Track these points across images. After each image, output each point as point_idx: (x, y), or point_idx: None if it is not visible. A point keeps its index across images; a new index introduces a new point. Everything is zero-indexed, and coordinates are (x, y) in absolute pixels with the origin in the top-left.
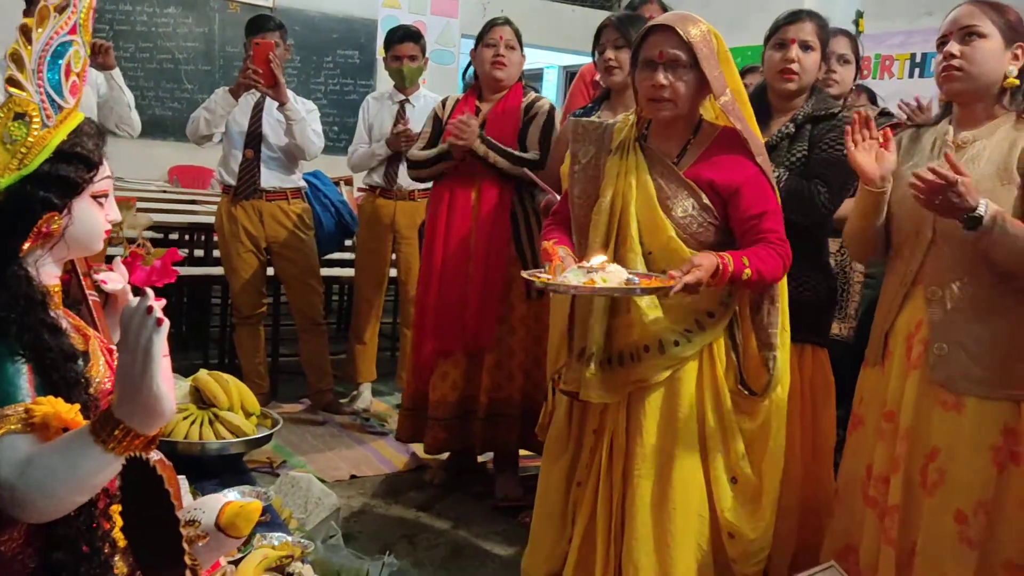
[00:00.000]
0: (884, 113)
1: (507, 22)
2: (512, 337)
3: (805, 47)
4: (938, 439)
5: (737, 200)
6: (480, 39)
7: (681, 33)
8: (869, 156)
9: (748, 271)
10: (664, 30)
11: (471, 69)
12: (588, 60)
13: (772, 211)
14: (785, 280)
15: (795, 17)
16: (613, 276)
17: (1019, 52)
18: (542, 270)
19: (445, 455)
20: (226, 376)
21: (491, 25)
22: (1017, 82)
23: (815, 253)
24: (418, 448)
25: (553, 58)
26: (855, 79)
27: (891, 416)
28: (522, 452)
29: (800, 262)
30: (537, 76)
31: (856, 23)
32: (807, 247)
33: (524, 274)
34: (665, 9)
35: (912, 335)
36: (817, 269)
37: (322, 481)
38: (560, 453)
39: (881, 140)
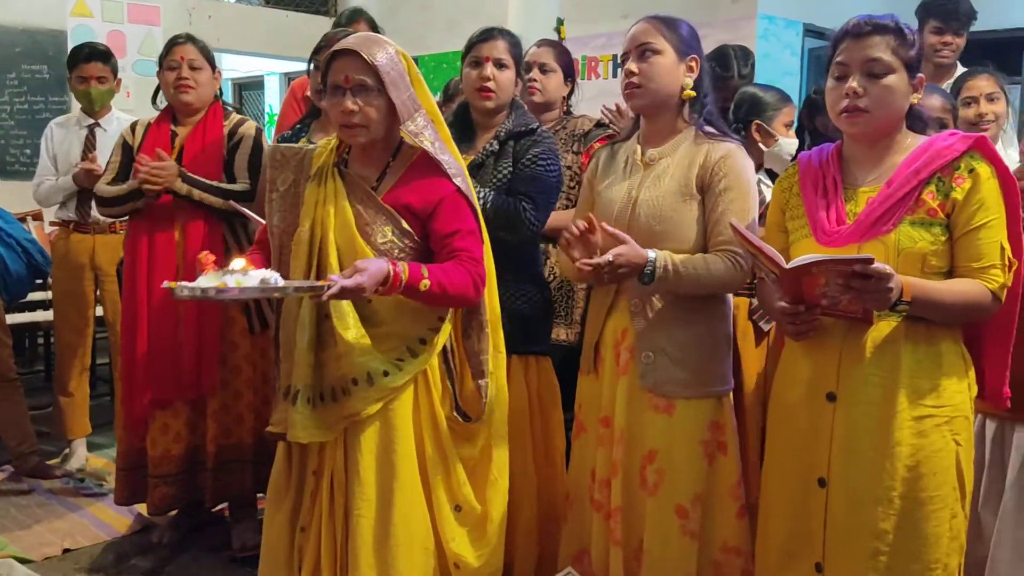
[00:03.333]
0: (600, 124)
1: (189, 39)
2: (238, 378)
3: (499, 65)
4: (653, 441)
5: (433, 220)
6: (161, 61)
7: (366, 57)
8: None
9: (426, 282)
10: (349, 55)
11: (160, 93)
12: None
13: (467, 231)
14: (496, 303)
15: (487, 35)
16: (252, 279)
17: (693, 64)
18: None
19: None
20: None
21: (171, 45)
22: (693, 94)
23: (528, 264)
24: (142, 506)
25: (274, 65)
26: (572, 91)
27: (607, 421)
28: (260, 495)
29: (514, 274)
30: (258, 84)
31: (558, 30)
32: (519, 259)
33: (165, 283)
34: (374, 26)
35: (619, 343)
36: (531, 280)
37: (27, 562)
38: (282, 499)
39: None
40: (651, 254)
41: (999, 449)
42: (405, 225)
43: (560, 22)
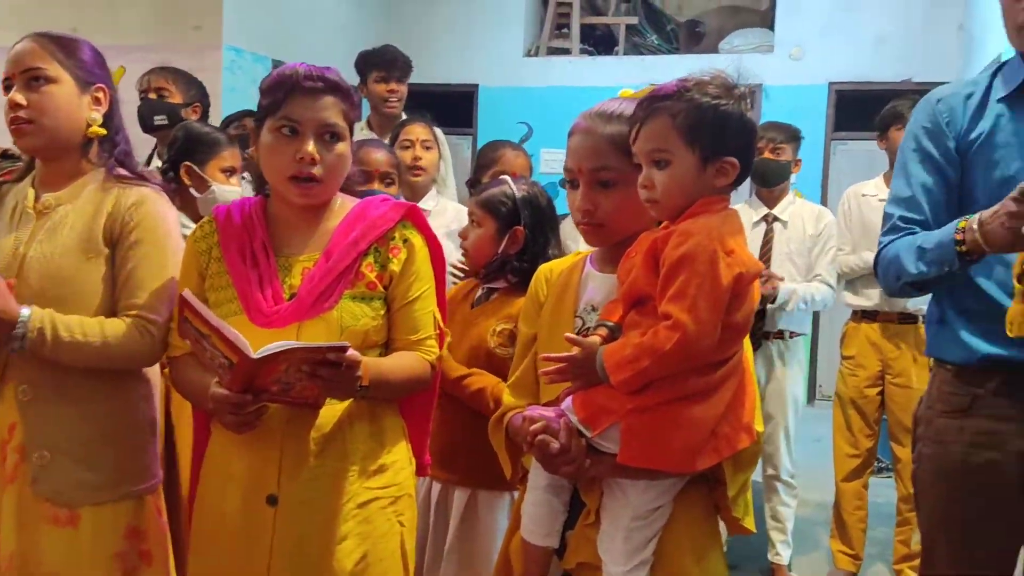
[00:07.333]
0: (7, 156)
1: None
2: None
3: None
4: (53, 564)
5: None
6: None
7: None
8: None
9: None
10: None
11: None
12: None
13: None
14: None
15: None
16: None
17: (100, 95)
18: None
19: None
20: None
21: None
22: (103, 132)
23: None
24: None
25: None
26: None
27: None
28: None
29: None
30: None
31: None
32: None
33: None
34: None
35: (6, 442)
36: None
37: None
38: None
39: None
40: (25, 311)
41: (442, 512)
42: None
43: None
